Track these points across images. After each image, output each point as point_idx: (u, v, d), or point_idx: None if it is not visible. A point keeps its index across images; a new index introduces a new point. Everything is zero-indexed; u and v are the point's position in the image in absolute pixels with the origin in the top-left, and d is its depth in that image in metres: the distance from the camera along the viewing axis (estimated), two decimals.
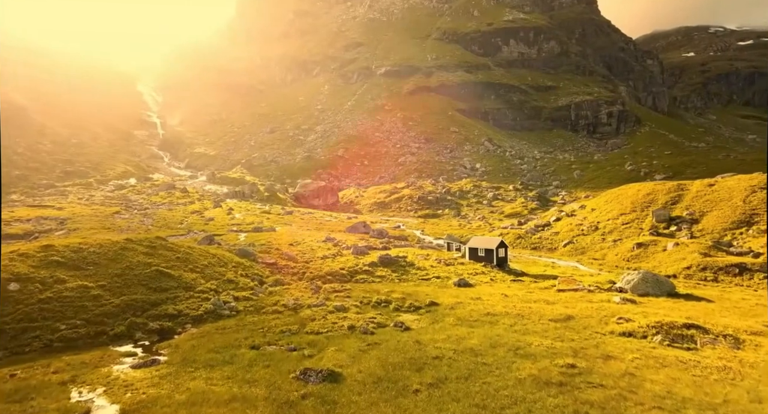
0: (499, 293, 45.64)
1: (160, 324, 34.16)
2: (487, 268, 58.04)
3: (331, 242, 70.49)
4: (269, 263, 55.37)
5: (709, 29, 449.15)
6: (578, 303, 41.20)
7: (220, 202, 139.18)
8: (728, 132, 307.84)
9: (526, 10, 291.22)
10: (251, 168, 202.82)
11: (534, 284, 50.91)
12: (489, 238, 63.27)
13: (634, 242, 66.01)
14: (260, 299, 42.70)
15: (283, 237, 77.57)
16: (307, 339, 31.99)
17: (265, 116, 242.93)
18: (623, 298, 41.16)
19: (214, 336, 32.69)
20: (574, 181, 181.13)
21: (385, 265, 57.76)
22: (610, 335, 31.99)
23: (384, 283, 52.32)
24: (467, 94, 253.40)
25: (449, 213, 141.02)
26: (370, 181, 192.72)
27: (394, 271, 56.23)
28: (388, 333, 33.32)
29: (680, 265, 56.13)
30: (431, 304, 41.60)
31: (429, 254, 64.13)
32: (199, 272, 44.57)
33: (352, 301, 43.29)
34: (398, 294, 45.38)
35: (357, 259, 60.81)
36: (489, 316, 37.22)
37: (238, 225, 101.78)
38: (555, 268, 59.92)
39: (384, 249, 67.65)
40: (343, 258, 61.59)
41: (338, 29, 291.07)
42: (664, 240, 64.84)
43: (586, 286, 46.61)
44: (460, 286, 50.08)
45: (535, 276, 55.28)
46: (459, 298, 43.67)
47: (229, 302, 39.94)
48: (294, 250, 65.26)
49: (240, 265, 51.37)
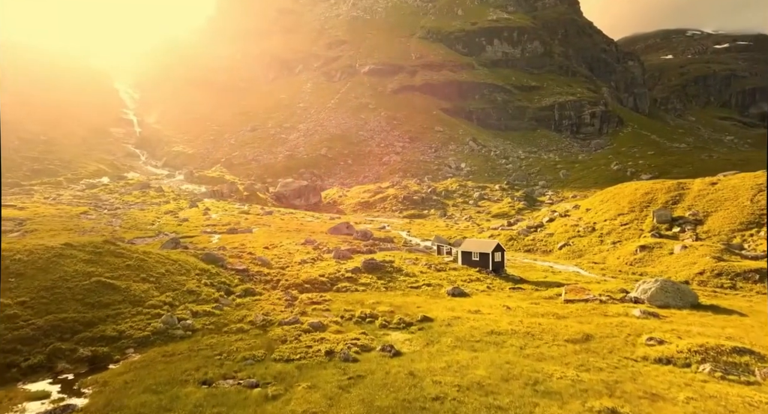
0: (500, 305, 39.49)
1: (93, 350, 27.24)
2: (482, 274, 51.95)
3: (311, 245, 63.88)
4: (239, 270, 48.53)
5: (687, 32, 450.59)
6: (593, 317, 35.23)
7: (196, 201, 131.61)
8: (707, 133, 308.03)
9: (509, 10, 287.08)
10: (231, 167, 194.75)
11: (537, 293, 44.89)
12: (484, 241, 57.19)
13: (637, 245, 60.53)
14: (224, 314, 35.93)
15: (259, 239, 70.73)
16: (275, 369, 25.39)
17: (247, 114, 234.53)
18: (643, 311, 35.31)
19: (158, 366, 25.89)
20: (560, 180, 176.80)
21: (370, 271, 51.31)
22: (644, 362, 25.98)
23: (369, 292, 45.87)
24: (452, 94, 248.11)
25: (435, 213, 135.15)
26: (354, 180, 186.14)
27: (380, 278, 49.82)
28: (375, 360, 26.88)
29: (692, 271, 50.70)
30: (424, 320, 35.27)
31: (418, 258, 57.83)
32: (153, 282, 37.61)
33: (332, 315, 36.78)
34: (385, 306, 39.00)
35: (339, 264, 54.31)
36: (493, 336, 31.00)
37: (213, 226, 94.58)
38: (556, 274, 54.06)
39: (368, 252, 61.22)
40: (323, 263, 55.02)
41: (321, 27, 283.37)
42: (669, 242, 59.48)
43: (596, 295, 40.73)
44: (455, 296, 43.86)
45: (535, 283, 49.30)
46: (455, 312, 37.43)
47: (184, 319, 33.10)
48: (269, 254, 58.46)
49: (205, 273, 44.47)
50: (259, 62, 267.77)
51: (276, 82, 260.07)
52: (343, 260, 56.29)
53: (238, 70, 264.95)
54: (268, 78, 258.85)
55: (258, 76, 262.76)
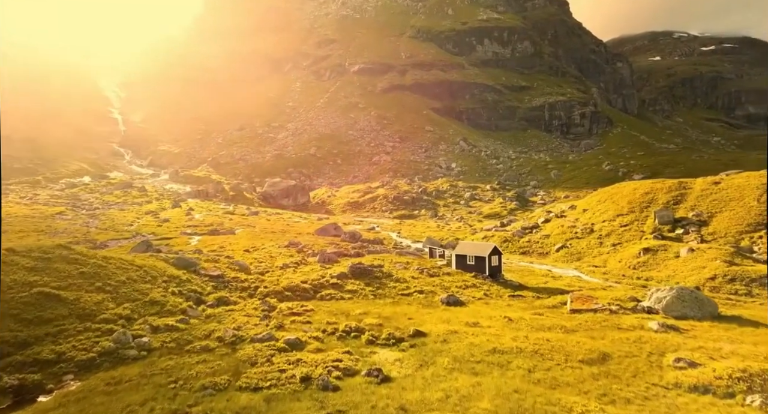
0: (501, 316, 35.18)
1: (21, 378, 22.52)
2: (478, 279, 47.66)
3: (295, 247, 59.26)
4: (214, 276, 43.80)
5: (674, 34, 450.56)
6: (605, 331, 31.02)
7: (180, 201, 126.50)
8: (695, 134, 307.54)
9: (499, 10, 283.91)
10: (218, 166, 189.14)
11: (539, 301, 40.66)
12: (479, 244, 52.92)
13: (640, 247, 56.66)
14: (190, 328, 31.25)
15: (240, 241, 66.02)
16: (238, 402, 20.85)
17: (235, 113, 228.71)
18: (661, 323, 31.19)
19: (97, 399, 21.23)
20: (551, 181, 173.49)
21: (358, 277, 46.83)
22: (676, 390, 21.77)
23: (356, 300, 41.39)
24: (442, 93, 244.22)
25: (426, 213, 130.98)
26: (344, 180, 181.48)
27: (368, 284, 45.34)
28: (359, 388, 22.41)
29: (702, 276, 46.83)
30: (416, 334, 30.85)
31: (409, 262, 53.45)
32: (110, 292, 32.82)
33: (313, 329, 32.25)
34: (373, 318, 34.57)
35: (324, 268, 49.80)
36: (496, 355, 26.67)
37: (194, 227, 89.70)
38: (557, 279, 49.88)
39: (356, 255, 56.74)
40: (307, 268, 50.46)
41: (311, 26, 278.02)
42: (674, 245, 55.68)
43: (605, 305, 36.59)
44: (450, 305, 39.52)
45: (536, 290, 45.08)
46: (451, 324, 33.08)
47: (141, 336, 28.39)
48: (249, 257, 53.81)
49: (174, 280, 39.73)
50: (248, 61, 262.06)
51: (265, 80, 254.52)
52: (328, 264, 51.80)
53: (227, 69, 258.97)
54: (256, 77, 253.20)
55: (246, 75, 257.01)
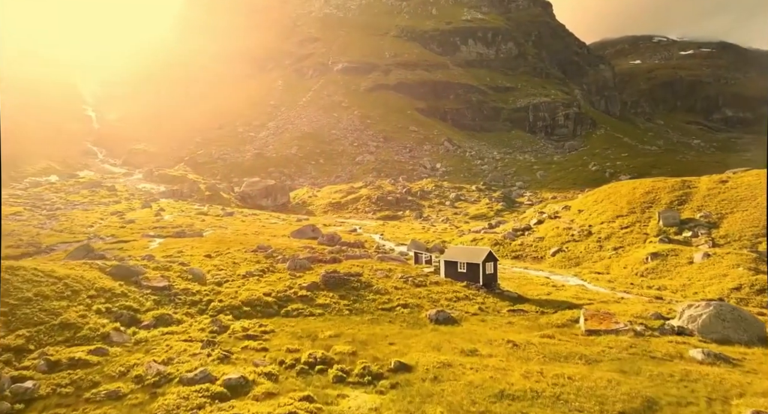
0: (503, 339, 28.15)
1: None
2: (471, 289, 40.64)
3: (264, 252, 51.65)
4: (158, 287, 36.10)
5: (653, 39, 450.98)
6: (638, 362, 24.17)
7: (151, 202, 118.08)
8: (675, 137, 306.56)
9: (483, 11, 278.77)
10: (195, 166, 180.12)
11: (544, 318, 33.73)
12: (471, 249, 45.92)
13: (647, 252, 50.30)
14: (105, 362, 23.64)
15: (205, 245, 58.10)
16: None
17: (214, 112, 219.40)
18: (705, 352, 24.41)
19: None
20: (537, 181, 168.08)
21: (332, 288, 39.50)
22: None
23: (327, 317, 34.05)
24: (426, 93, 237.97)
25: (411, 214, 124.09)
26: (326, 180, 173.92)
27: (344, 296, 38.02)
28: None
29: (724, 285, 40.54)
30: (399, 368, 23.66)
31: (391, 269, 46.23)
32: (5, 315, 25.03)
33: (268, 360, 24.87)
34: (346, 342, 27.32)
35: (293, 277, 42.40)
36: (505, 403, 19.59)
37: (160, 229, 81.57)
38: (559, 289, 42.99)
39: (333, 261, 49.35)
40: (273, 276, 42.98)
41: (293, 24, 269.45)
42: (685, 249, 49.44)
43: (626, 323, 29.78)
44: (440, 323, 32.41)
45: (538, 302, 38.15)
46: (443, 352, 25.95)
47: (24, 380, 20.70)
48: (208, 264, 46.09)
49: (103, 294, 31.99)
50: (229, 59, 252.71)
51: (246, 79, 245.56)
52: (299, 272, 44.38)
53: (207, 67, 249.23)
54: (238, 75, 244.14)
55: (228, 74, 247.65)
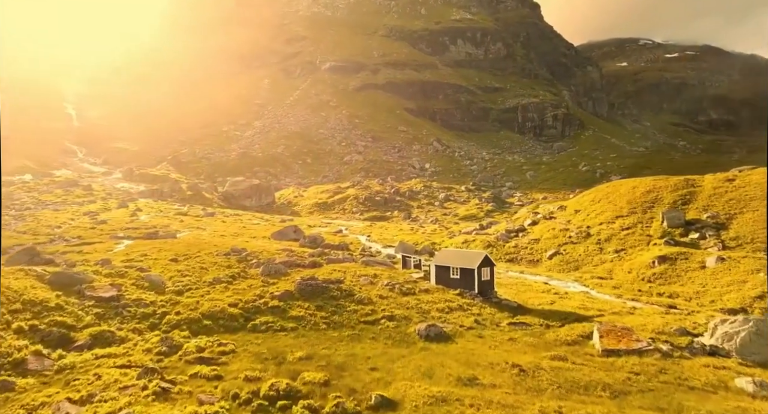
0: (506, 361, 23.53)
1: None
2: (465, 298, 35.99)
3: (237, 256, 46.61)
4: (105, 298, 30.97)
5: (639, 41, 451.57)
6: (677, 395, 19.73)
7: (128, 201, 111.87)
8: (662, 138, 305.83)
9: (473, 11, 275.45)
10: (179, 165, 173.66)
11: (551, 333, 29.14)
12: (465, 252, 41.30)
13: (654, 255, 46.11)
14: (2, 403, 18.47)
15: (174, 247, 52.81)
16: None
17: (199, 111, 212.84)
18: (757, 381, 19.92)
19: None
20: (527, 182, 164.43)
21: (308, 297, 34.59)
22: None
23: (300, 332, 29.18)
24: (415, 93, 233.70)
25: (399, 215, 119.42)
26: (313, 180, 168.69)
27: (321, 307, 33.14)
28: None
29: (745, 293, 36.47)
30: (381, 405, 18.99)
31: (377, 275, 41.42)
32: None
33: (219, 393, 20.03)
34: (318, 368, 22.51)
35: (266, 284, 37.46)
36: None
37: (133, 229, 75.82)
38: (563, 298, 38.47)
39: (312, 266, 44.43)
40: (244, 283, 38.00)
41: (280, 22, 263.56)
42: (695, 252, 45.38)
43: (648, 341, 25.26)
44: (431, 340, 27.71)
45: (541, 313, 33.56)
46: (435, 382, 21.26)
47: None
48: (172, 270, 40.96)
49: (32, 308, 26.83)
50: (214, 57, 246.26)
51: (232, 77, 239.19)
52: (274, 278, 39.41)
53: (192, 66, 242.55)
54: (223, 73, 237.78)
55: (213, 72, 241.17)
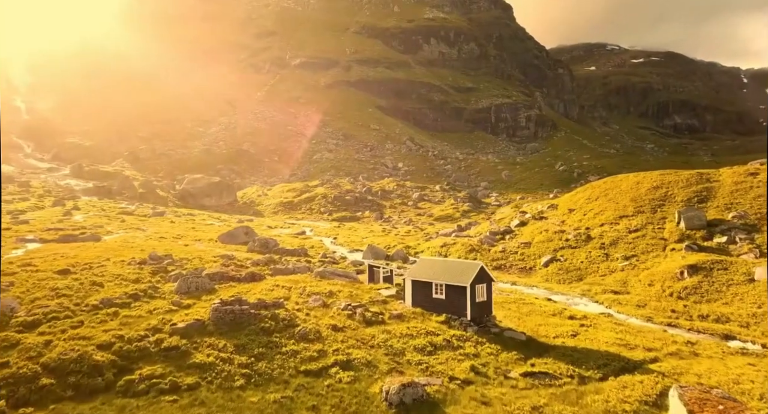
0: None
1: None
2: (454, 328, 25.43)
3: (155, 264, 34.92)
4: None
5: (607, 47, 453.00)
6: None
7: (68, 199, 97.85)
8: (630, 141, 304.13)
9: (445, 10, 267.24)
10: (136, 162, 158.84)
11: (594, 395, 18.82)
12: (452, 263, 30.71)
13: (681, 264, 36.69)
14: None
15: (83, 254, 41.07)
16: None
17: (160, 105, 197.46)
18: None
19: None
20: (503, 182, 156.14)
21: (227, 332, 23.38)
22: None
23: (199, 396, 18.14)
24: (388, 92, 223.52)
25: (370, 215, 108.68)
26: (280, 178, 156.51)
27: (243, 347, 21.96)
28: None
29: None
30: None
31: (333, 293, 30.43)
32: None
33: None
34: None
35: (175, 309, 26.19)
36: None
37: (53, 231, 63.05)
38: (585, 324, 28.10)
39: (251, 279, 33.18)
40: (145, 307, 26.58)
41: (248, 16, 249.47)
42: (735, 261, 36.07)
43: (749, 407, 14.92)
44: (407, 411, 16.72)
45: (567, 354, 23.17)
46: None
47: None
48: (47, 285, 29.24)
49: None
50: (178, 50, 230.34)
51: (196, 72, 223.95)
52: (190, 298, 28.10)
53: (154, 58, 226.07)
54: (187, 67, 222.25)
55: (176, 65, 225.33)
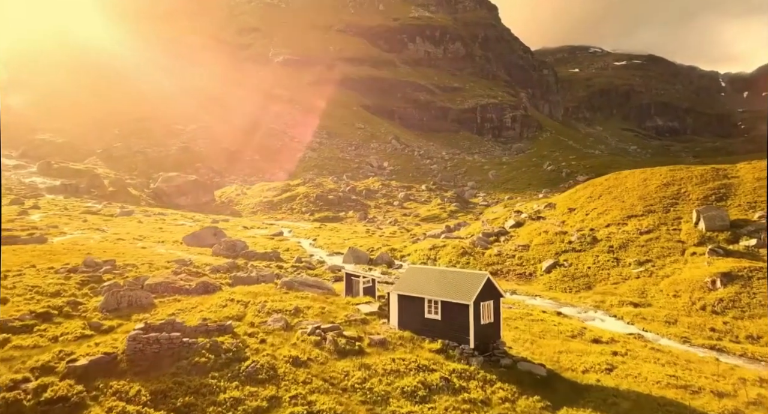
0: None
1: None
2: (453, 360, 19.40)
3: (87, 273, 28.38)
4: None
5: (590, 49, 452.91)
6: None
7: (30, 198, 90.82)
8: (614, 142, 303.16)
9: (431, 9, 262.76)
10: (109, 159, 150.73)
11: None
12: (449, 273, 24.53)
13: (712, 272, 31.35)
14: None
15: (10, 259, 34.08)
16: None
17: (137, 102, 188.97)
18: None
19: None
20: (490, 181, 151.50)
21: (145, 370, 16.78)
22: None
23: None
24: (373, 90, 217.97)
25: (354, 215, 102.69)
26: (261, 177, 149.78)
27: (164, 395, 15.31)
28: None
29: None
30: None
31: (300, 309, 24.10)
32: None
33: None
34: None
35: (83, 337, 19.84)
36: None
37: None
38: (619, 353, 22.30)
39: (203, 291, 26.74)
40: (51, 331, 20.44)
41: (230, 12, 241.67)
42: None
43: None
44: None
45: (607, 401, 16.97)
46: None
47: None
48: None
49: None
50: (158, 46, 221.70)
51: (177, 68, 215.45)
52: (117, 318, 21.95)
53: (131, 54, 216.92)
54: (166, 63, 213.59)
55: (156, 61, 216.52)
